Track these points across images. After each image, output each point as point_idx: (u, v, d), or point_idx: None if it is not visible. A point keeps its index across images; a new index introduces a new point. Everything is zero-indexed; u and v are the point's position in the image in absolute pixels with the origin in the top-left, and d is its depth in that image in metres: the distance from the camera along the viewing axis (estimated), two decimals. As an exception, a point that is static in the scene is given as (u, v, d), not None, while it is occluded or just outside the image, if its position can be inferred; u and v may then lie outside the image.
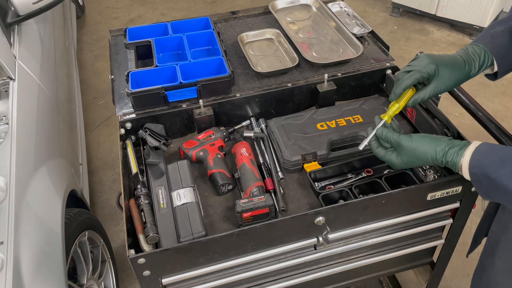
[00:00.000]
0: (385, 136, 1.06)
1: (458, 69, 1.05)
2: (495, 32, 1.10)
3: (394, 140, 1.04)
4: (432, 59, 1.04)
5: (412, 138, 1.02)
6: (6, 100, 1.59)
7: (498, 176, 0.87)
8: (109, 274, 1.97)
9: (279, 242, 1.12)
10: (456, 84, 1.07)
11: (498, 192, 0.90)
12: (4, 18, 1.80)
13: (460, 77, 1.06)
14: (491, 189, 0.91)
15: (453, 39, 3.81)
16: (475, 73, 1.08)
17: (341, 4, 1.86)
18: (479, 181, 0.93)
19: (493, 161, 0.89)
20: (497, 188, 0.88)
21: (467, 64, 1.06)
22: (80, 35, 4.06)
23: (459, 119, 2.71)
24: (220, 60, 1.47)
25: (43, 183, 1.52)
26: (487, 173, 0.89)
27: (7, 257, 1.21)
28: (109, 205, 2.56)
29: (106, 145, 2.97)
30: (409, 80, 1.04)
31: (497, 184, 0.88)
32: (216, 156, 1.31)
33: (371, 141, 1.09)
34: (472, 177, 0.94)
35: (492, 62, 1.09)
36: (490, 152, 0.92)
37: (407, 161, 1.04)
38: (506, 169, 0.86)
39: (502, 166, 0.87)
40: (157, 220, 1.13)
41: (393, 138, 1.04)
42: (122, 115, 1.38)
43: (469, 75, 1.08)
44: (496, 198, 0.94)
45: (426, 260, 1.43)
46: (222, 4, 4.48)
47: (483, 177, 0.91)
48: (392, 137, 1.05)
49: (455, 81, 1.06)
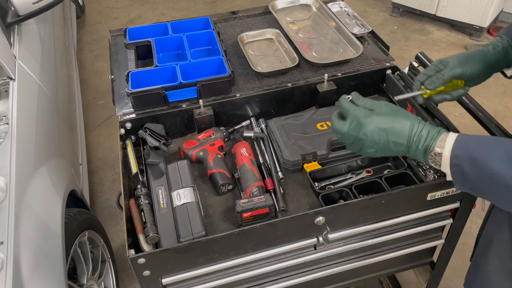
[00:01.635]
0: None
1: (478, 56, 1.07)
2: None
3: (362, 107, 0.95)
4: (465, 56, 1.08)
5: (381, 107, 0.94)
6: (6, 100, 1.59)
7: (485, 160, 0.83)
8: (109, 274, 1.97)
9: (279, 242, 1.12)
10: (479, 70, 1.07)
11: (479, 178, 0.85)
12: (4, 18, 1.80)
13: (482, 63, 1.07)
14: (473, 175, 0.85)
15: (453, 39, 3.81)
16: (500, 61, 1.09)
17: (341, 4, 1.86)
18: (459, 164, 0.87)
19: (480, 144, 0.85)
20: (481, 173, 0.83)
21: (488, 52, 1.08)
22: (80, 35, 4.06)
23: (459, 119, 2.71)
24: (220, 60, 1.47)
25: (43, 183, 1.52)
26: (474, 155, 0.85)
27: (7, 257, 1.21)
28: (109, 205, 2.56)
29: (106, 145, 2.97)
30: (446, 75, 1.06)
31: (482, 168, 0.83)
32: (216, 156, 1.31)
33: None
34: (453, 160, 0.88)
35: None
36: (476, 137, 0.88)
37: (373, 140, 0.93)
38: (497, 153, 0.82)
39: (492, 150, 0.83)
40: (157, 220, 1.13)
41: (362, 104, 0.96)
42: (122, 115, 1.38)
43: (495, 62, 1.08)
44: (472, 185, 0.88)
45: (426, 260, 1.43)
46: (222, 4, 4.48)
47: (467, 159, 0.86)
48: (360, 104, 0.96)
49: (477, 67, 1.07)
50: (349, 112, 0.96)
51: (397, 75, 1.47)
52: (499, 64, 1.10)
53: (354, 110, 0.96)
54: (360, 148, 0.96)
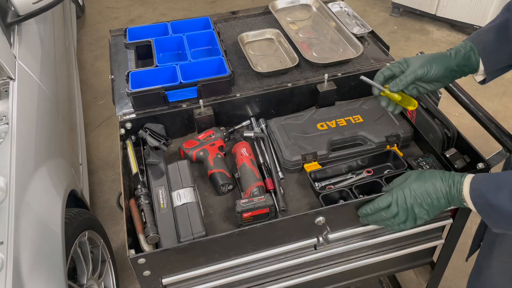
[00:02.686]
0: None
1: (439, 59, 1.08)
2: (482, 30, 1.11)
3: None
4: (421, 56, 1.10)
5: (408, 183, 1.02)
6: (6, 100, 1.59)
7: (498, 202, 0.86)
8: (109, 274, 1.97)
9: (279, 242, 1.12)
10: (440, 73, 1.08)
11: (502, 219, 0.88)
12: (4, 18, 1.80)
13: (444, 66, 1.08)
14: (497, 217, 0.89)
15: (453, 39, 3.81)
16: (462, 65, 1.09)
17: (341, 4, 1.86)
18: (484, 210, 0.91)
19: (491, 187, 0.89)
20: (501, 215, 0.87)
21: (450, 56, 1.08)
22: (80, 35, 4.06)
23: (459, 119, 2.71)
24: (220, 60, 1.47)
25: (43, 183, 1.52)
26: (488, 200, 0.88)
27: (7, 257, 1.21)
28: (109, 205, 2.56)
29: (106, 145, 2.97)
30: (386, 72, 1.12)
31: (498, 210, 0.87)
32: (216, 156, 1.31)
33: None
34: (477, 207, 0.92)
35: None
36: (487, 179, 0.91)
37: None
38: (504, 193, 0.85)
39: (500, 191, 0.86)
40: (157, 220, 1.13)
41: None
42: (122, 115, 1.38)
43: (455, 67, 1.09)
44: (503, 226, 0.91)
45: (426, 260, 1.43)
46: (222, 4, 4.48)
47: (487, 205, 0.90)
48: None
49: (437, 70, 1.07)
50: (387, 200, 1.03)
51: (397, 75, 1.47)
52: (460, 69, 1.10)
53: (388, 196, 1.04)
54: (413, 216, 1.02)
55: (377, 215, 1.06)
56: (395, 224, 1.05)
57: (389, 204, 1.03)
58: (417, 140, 1.37)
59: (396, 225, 1.05)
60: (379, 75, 1.14)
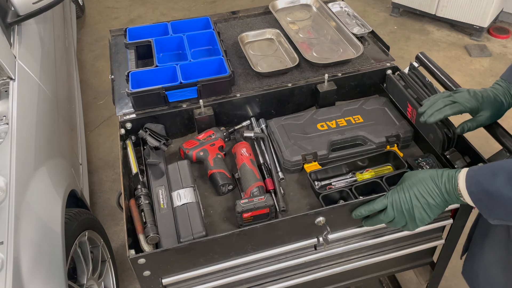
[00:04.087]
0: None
1: (497, 107, 1.13)
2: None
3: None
4: (474, 96, 1.12)
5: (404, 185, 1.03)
6: (6, 100, 1.59)
7: (495, 188, 0.87)
8: (109, 274, 1.97)
9: (279, 242, 1.12)
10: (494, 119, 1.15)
11: (499, 206, 0.89)
12: (4, 18, 1.80)
13: (498, 114, 1.14)
14: (493, 205, 0.90)
15: (453, 39, 3.81)
16: (507, 107, 1.15)
17: (341, 4, 1.86)
18: (480, 199, 0.92)
19: (487, 175, 0.90)
20: (497, 202, 0.88)
21: (504, 102, 1.13)
22: (80, 35, 4.06)
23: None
24: (220, 60, 1.47)
25: (43, 183, 1.52)
26: (485, 187, 0.89)
27: (7, 257, 1.21)
28: (109, 205, 2.56)
29: (106, 145, 2.97)
30: (450, 111, 1.11)
31: (495, 197, 0.87)
32: (216, 156, 1.31)
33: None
34: (472, 197, 0.93)
35: None
36: (482, 168, 0.92)
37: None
38: (500, 178, 0.86)
39: (496, 177, 0.87)
40: (157, 220, 1.13)
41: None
42: (122, 115, 1.38)
43: (504, 110, 1.15)
44: (499, 215, 0.91)
45: (426, 260, 1.43)
46: (222, 4, 4.48)
47: (482, 193, 0.90)
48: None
49: (494, 118, 1.14)
50: (383, 202, 1.04)
51: (397, 75, 1.47)
52: None
53: (384, 199, 1.05)
54: (413, 218, 1.02)
55: (376, 220, 1.07)
56: (396, 227, 1.07)
57: (385, 206, 1.04)
58: (417, 140, 1.37)
59: (398, 227, 1.07)
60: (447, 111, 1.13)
